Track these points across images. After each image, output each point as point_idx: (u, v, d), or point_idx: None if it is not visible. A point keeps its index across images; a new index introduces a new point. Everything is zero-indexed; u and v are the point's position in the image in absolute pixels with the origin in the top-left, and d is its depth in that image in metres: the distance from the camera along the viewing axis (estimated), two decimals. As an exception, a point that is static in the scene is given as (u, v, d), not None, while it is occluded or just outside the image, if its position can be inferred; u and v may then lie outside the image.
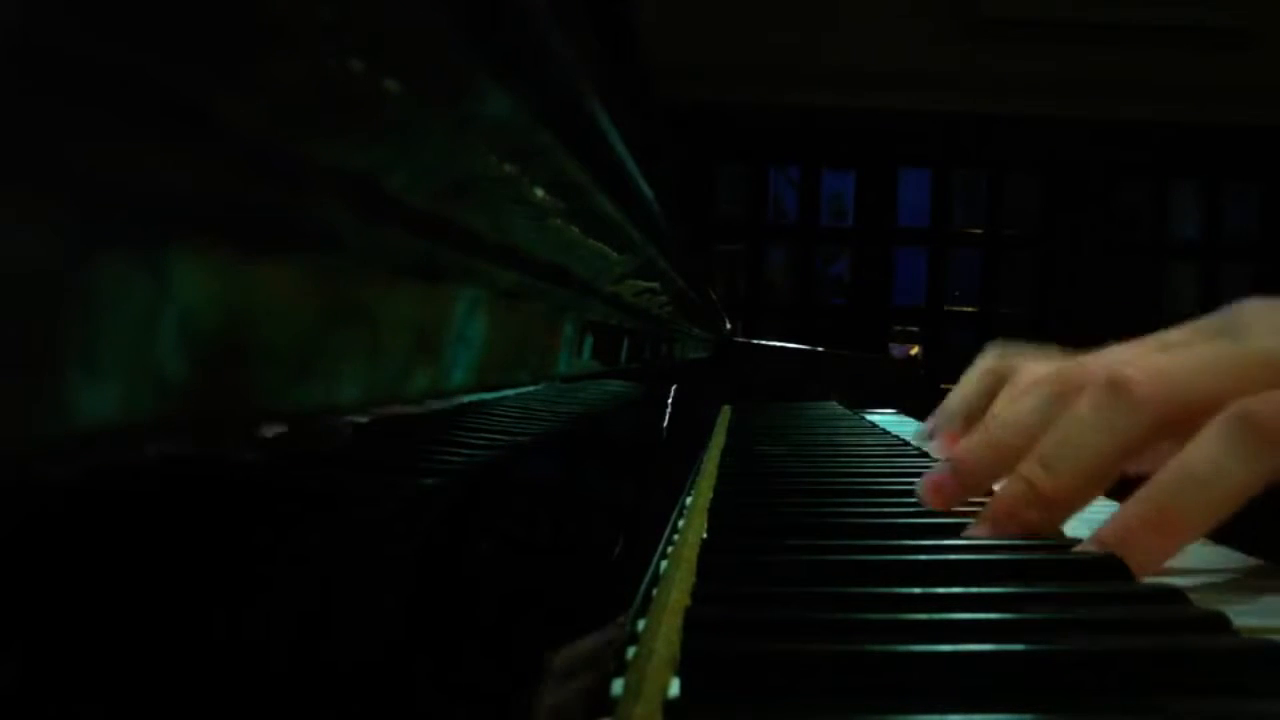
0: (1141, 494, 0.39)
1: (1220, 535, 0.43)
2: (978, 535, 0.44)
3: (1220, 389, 0.40)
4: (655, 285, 0.60)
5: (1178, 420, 0.41)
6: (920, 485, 0.50)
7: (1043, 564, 0.40)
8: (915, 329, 3.38)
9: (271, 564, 0.19)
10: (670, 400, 1.00)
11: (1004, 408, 0.66)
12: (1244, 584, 0.41)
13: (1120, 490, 0.43)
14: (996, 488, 0.47)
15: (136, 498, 0.14)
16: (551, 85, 0.23)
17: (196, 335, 0.13)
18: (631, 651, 0.28)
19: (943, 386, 0.75)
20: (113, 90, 0.11)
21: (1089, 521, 0.43)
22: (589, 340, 0.46)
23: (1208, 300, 3.18)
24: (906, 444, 0.81)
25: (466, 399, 0.28)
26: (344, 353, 0.18)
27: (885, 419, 1.20)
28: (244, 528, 0.18)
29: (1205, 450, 0.39)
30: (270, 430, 0.17)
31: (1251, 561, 0.44)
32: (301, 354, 0.17)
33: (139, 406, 0.12)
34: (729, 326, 1.75)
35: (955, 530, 0.45)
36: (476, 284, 0.26)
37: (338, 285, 0.18)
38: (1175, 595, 0.34)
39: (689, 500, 0.53)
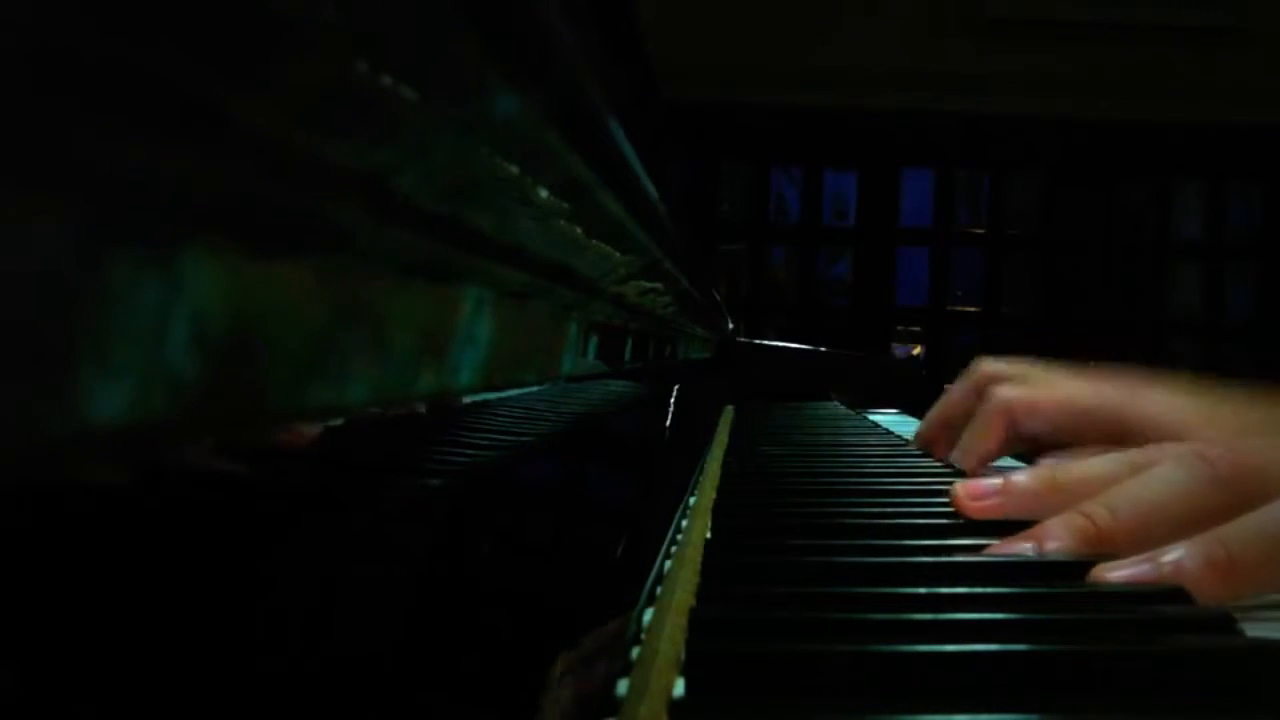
0: (1215, 533, 0.38)
1: None
2: (1008, 552, 0.41)
3: None
4: (659, 285, 0.60)
5: (1252, 504, 0.39)
6: (959, 485, 0.48)
7: (1046, 564, 0.40)
8: (917, 329, 3.37)
9: (277, 566, 0.19)
10: (673, 400, 1.00)
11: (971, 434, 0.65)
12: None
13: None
14: None
15: (139, 498, 0.14)
16: (559, 85, 0.23)
17: (204, 334, 0.13)
18: (636, 651, 0.28)
19: (945, 387, 0.75)
20: (123, 90, 0.11)
21: None
22: (593, 340, 0.46)
23: (1211, 300, 3.20)
24: (909, 444, 0.81)
25: (472, 399, 0.28)
26: (351, 352, 0.19)
27: (888, 419, 1.20)
28: (248, 529, 0.18)
29: None
30: (275, 430, 0.17)
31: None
32: (308, 354, 0.17)
33: (147, 407, 0.12)
34: (731, 326, 1.75)
35: (958, 531, 0.45)
36: (483, 284, 0.26)
37: (345, 285, 0.18)
38: (1179, 595, 0.34)
39: (692, 500, 0.53)
